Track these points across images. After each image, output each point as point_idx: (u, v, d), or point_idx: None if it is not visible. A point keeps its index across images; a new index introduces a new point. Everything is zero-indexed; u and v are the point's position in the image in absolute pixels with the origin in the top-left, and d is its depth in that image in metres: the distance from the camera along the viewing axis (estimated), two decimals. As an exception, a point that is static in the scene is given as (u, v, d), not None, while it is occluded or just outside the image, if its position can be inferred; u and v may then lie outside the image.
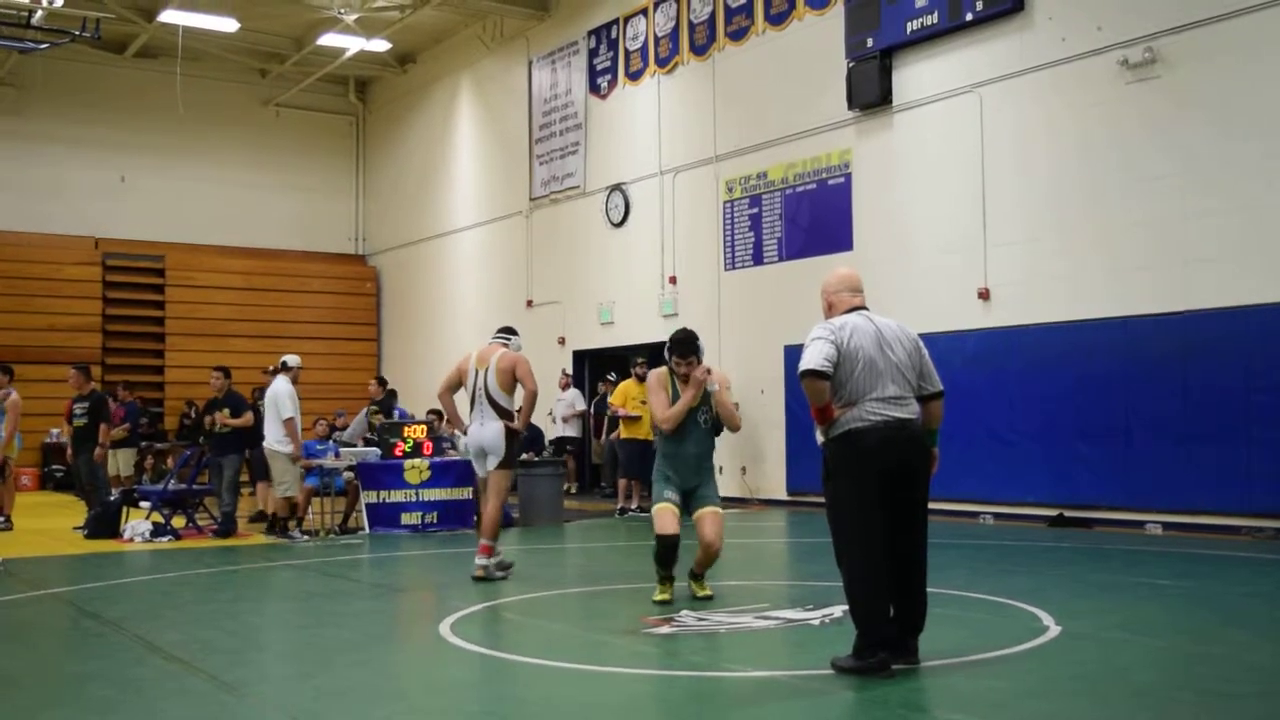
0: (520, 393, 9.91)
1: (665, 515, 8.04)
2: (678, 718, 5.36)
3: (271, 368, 14.62)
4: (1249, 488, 11.94)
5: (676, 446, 8.20)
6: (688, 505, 8.25)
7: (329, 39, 23.70)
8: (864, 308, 6.07)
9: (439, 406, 18.25)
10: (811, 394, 5.74)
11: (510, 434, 9.69)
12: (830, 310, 6.11)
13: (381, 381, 16.52)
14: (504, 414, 9.73)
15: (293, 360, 13.62)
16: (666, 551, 8.03)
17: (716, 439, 8.47)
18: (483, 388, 9.76)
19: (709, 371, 8.26)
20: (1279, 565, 9.97)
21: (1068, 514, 13.38)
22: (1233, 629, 7.02)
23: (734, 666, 6.27)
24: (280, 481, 13.24)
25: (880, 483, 5.74)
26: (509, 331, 10.24)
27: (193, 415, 22.42)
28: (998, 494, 14.15)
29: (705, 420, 8.28)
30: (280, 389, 13.22)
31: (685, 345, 8.24)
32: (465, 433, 10.02)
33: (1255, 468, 11.90)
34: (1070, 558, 10.66)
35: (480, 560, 9.48)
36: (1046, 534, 12.72)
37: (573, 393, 20.18)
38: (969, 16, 14.56)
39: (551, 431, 20.38)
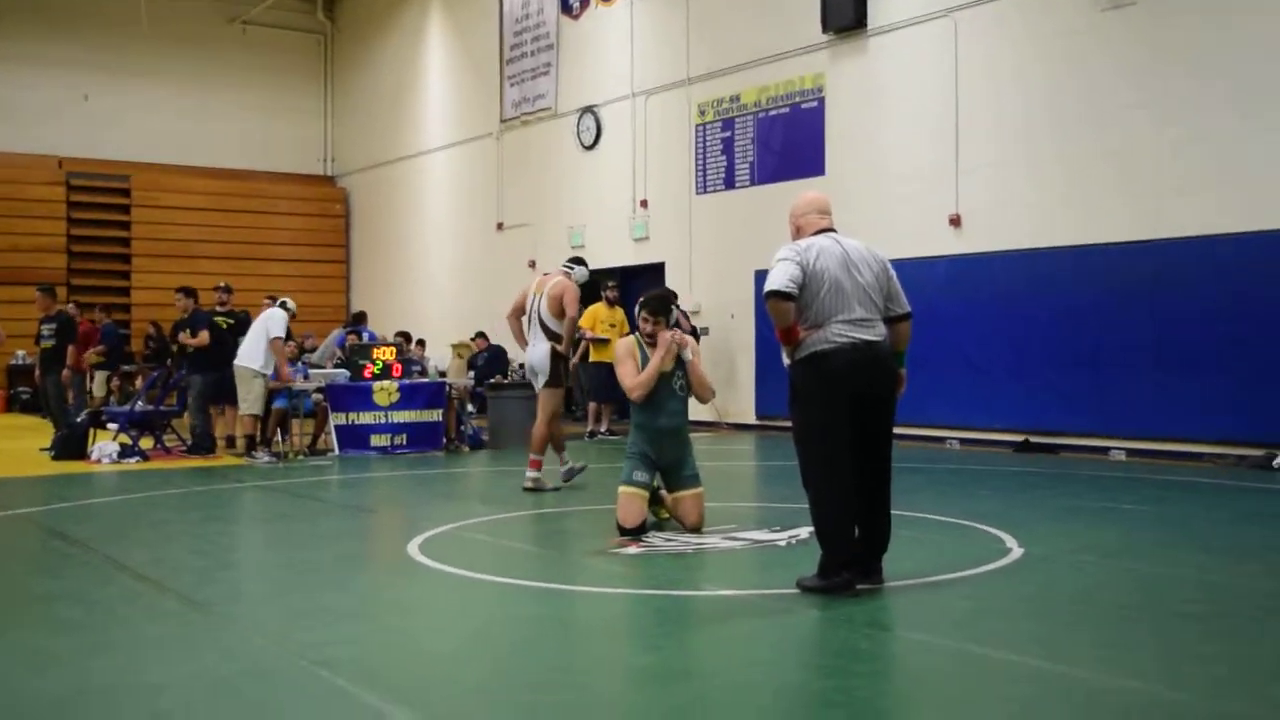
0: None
1: (632, 504, 7.60)
2: (646, 635, 5.41)
3: (224, 284, 14.63)
4: (1213, 415, 12.07)
5: (653, 417, 7.75)
6: (666, 481, 7.89)
7: (296, -45, 23.31)
8: (832, 230, 6.04)
9: (406, 328, 18.35)
10: (776, 315, 5.72)
11: (555, 355, 10.20)
12: (798, 233, 6.08)
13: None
14: (552, 336, 10.24)
15: (292, 304, 14.03)
16: (628, 536, 7.52)
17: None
18: (535, 311, 10.34)
19: (680, 334, 7.85)
20: (1240, 491, 10.11)
21: (1034, 439, 13.51)
22: (1194, 552, 7.12)
23: (702, 586, 6.33)
24: (244, 399, 13.27)
25: (846, 405, 5.75)
26: (575, 261, 10.83)
27: (156, 337, 22.28)
28: (965, 419, 14.27)
29: (680, 386, 7.82)
30: (276, 313, 13.45)
31: (658, 303, 7.90)
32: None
33: (1219, 395, 12.02)
34: (1035, 482, 10.77)
35: (530, 474, 10.16)
36: (1013, 459, 12.85)
37: (549, 318, 20.08)
38: (945, -62, 14.42)
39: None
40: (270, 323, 13.31)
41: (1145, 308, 12.64)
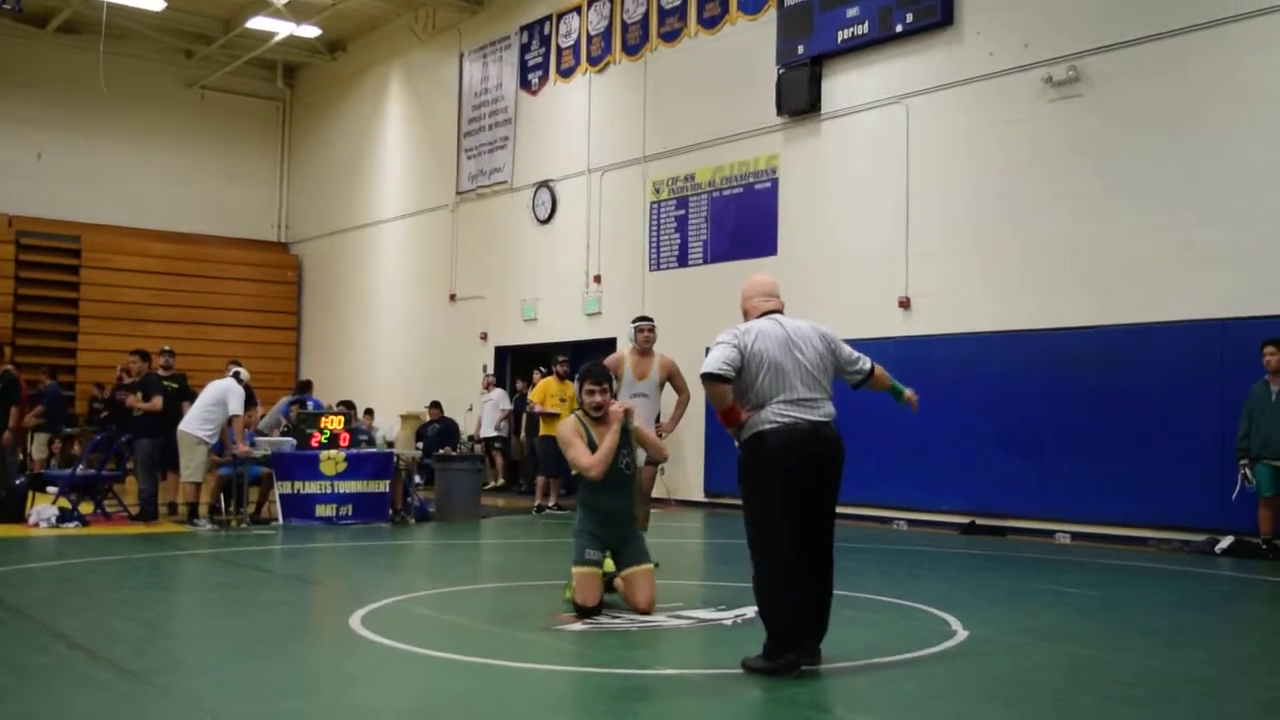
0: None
1: (591, 584, 7.45)
2: (588, 714, 5.36)
3: (167, 348, 14.49)
4: (1157, 500, 12.20)
5: (600, 497, 7.65)
6: (616, 558, 7.75)
7: (258, 22, 23.44)
8: (778, 311, 6.12)
9: (357, 397, 18.25)
10: (713, 397, 5.82)
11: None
12: (747, 316, 6.19)
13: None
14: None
15: (245, 374, 13.77)
16: (585, 616, 7.40)
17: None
18: None
19: (625, 403, 7.84)
20: (1182, 576, 10.19)
21: (981, 521, 13.58)
22: (1135, 636, 7.16)
23: (646, 664, 6.28)
24: (186, 466, 13.12)
25: (789, 484, 5.77)
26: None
27: (102, 400, 21.99)
28: (912, 500, 14.33)
29: (627, 465, 7.74)
30: (236, 389, 13.29)
31: (601, 371, 7.89)
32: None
33: (1163, 481, 12.16)
34: (981, 564, 10.82)
35: None
36: (959, 541, 12.90)
37: (498, 393, 20.03)
38: (899, 28, 14.74)
39: (474, 429, 20.35)
40: (230, 397, 13.15)
41: (1092, 392, 12.79)
